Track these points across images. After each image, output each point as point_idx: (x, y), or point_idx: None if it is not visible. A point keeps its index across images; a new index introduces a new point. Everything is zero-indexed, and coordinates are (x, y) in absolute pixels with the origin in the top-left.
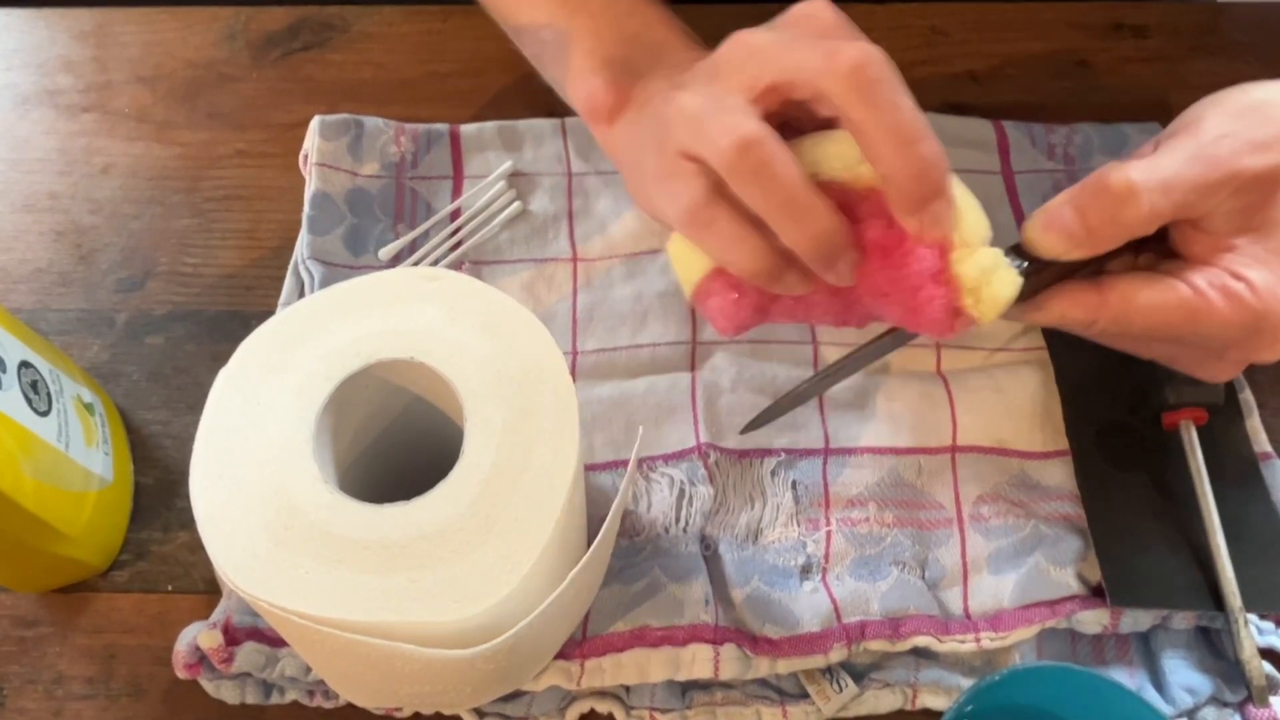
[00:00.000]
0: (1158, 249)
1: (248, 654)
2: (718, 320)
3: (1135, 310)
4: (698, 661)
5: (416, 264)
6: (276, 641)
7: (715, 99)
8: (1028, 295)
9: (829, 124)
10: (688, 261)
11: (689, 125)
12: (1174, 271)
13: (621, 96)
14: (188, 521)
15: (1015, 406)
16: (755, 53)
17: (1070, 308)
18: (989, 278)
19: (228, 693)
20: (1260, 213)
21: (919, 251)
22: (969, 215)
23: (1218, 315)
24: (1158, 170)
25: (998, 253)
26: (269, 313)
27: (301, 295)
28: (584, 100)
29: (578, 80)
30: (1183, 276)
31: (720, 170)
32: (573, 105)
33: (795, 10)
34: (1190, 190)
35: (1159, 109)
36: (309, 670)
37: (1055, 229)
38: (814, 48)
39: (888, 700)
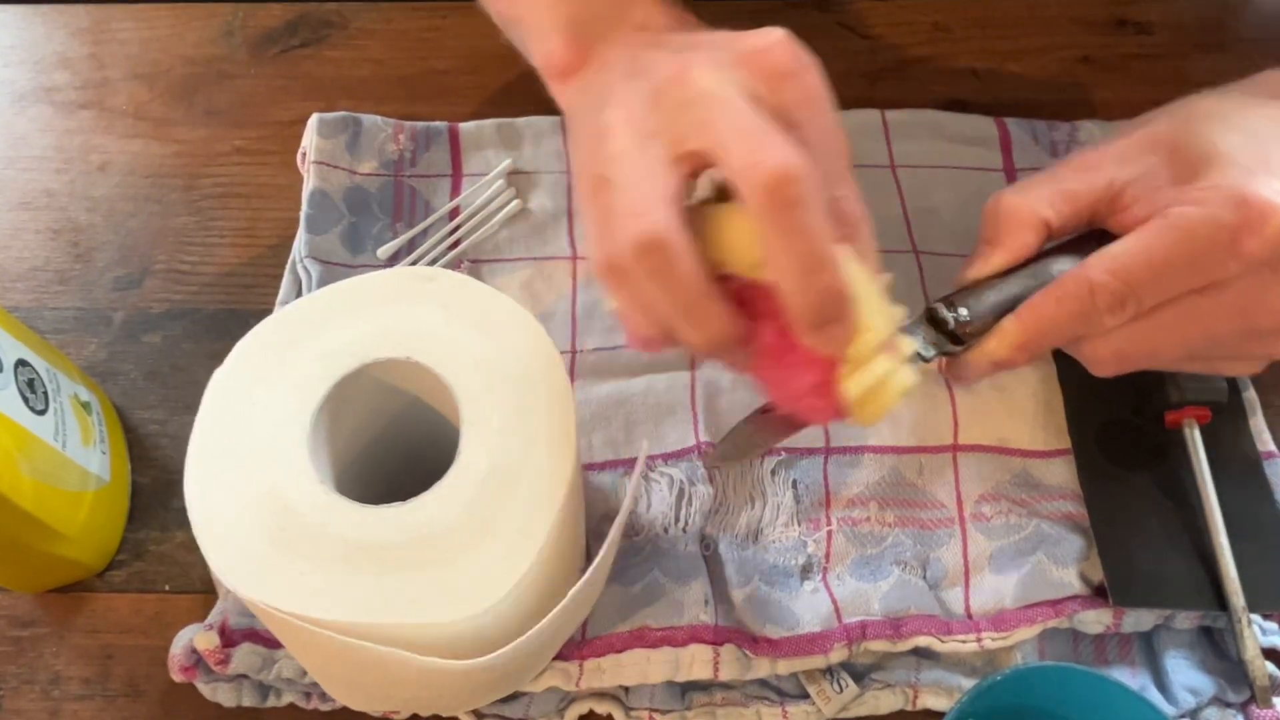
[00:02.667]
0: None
1: (244, 656)
2: (627, 339)
3: (1115, 261)
4: (697, 662)
5: (415, 263)
6: (273, 643)
7: (638, 152)
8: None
9: None
10: None
11: (606, 175)
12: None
13: (580, 55)
14: (185, 521)
15: (1017, 405)
16: (694, 102)
17: (1041, 306)
18: (874, 393)
19: (224, 695)
20: (1165, 171)
21: (807, 366)
22: (868, 325)
23: (1200, 224)
24: (1033, 183)
25: (891, 362)
26: (267, 311)
27: (299, 294)
28: (542, 58)
29: (538, 39)
30: (1148, 220)
31: (619, 258)
32: (536, 66)
33: (752, 40)
34: (1069, 180)
35: (1162, 106)
36: (305, 672)
37: (966, 264)
38: (745, 133)
39: (888, 701)
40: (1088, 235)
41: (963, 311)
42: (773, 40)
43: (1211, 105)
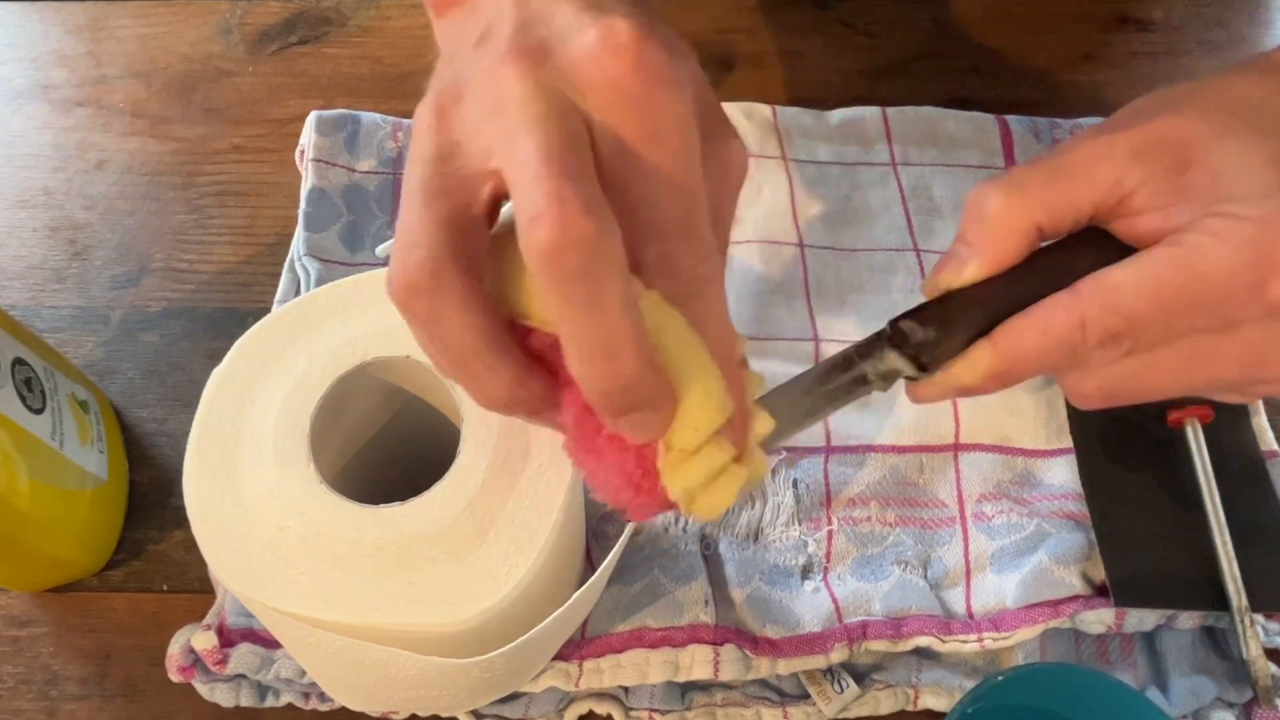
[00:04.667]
0: None
1: (242, 655)
2: None
3: (1114, 294)
4: (697, 662)
5: None
6: (271, 643)
7: (432, 160)
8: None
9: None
10: None
11: (406, 180)
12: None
13: None
14: (183, 520)
15: (1018, 404)
16: (500, 110)
17: (1021, 334)
18: (705, 487)
19: (222, 695)
20: (1181, 177)
21: (618, 450)
22: (700, 406)
23: (1221, 262)
24: (1027, 176)
25: (730, 450)
26: (265, 310)
27: (297, 293)
28: None
29: None
30: (1155, 244)
31: (389, 294)
32: None
33: (584, 40)
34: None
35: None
36: (304, 672)
37: (941, 264)
38: (536, 174)
39: (889, 701)
40: (1084, 235)
41: (930, 332)
42: (609, 46)
43: (1241, 92)
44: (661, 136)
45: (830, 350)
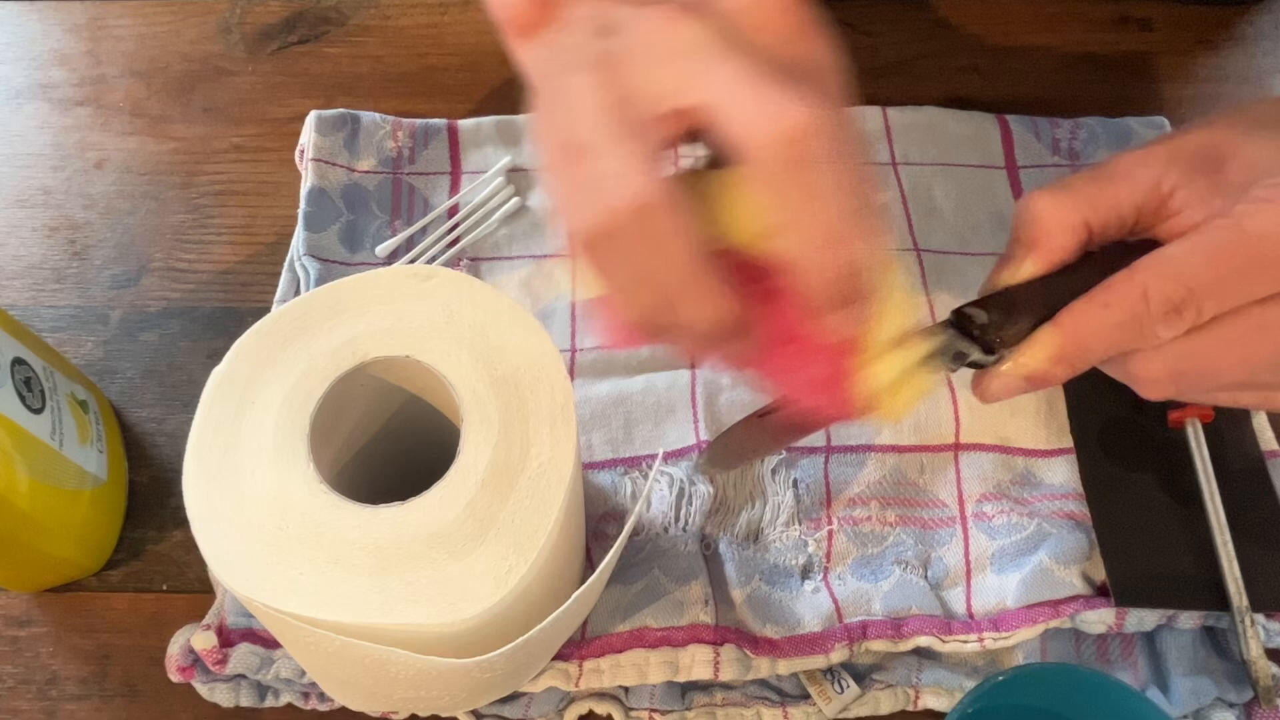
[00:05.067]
0: None
1: (242, 655)
2: (602, 335)
3: (1171, 264)
4: (697, 663)
5: (414, 261)
6: (271, 643)
7: (614, 113)
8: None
9: None
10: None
11: (578, 141)
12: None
13: (542, 9)
14: (183, 520)
15: (1019, 403)
16: (682, 54)
17: (1084, 312)
18: (899, 386)
19: (222, 695)
20: (1217, 175)
21: (819, 354)
22: (891, 310)
23: (1263, 219)
24: (1071, 181)
25: (912, 352)
26: (264, 309)
27: (297, 292)
28: (502, 11)
29: None
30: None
31: (601, 231)
32: (492, 15)
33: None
34: (1095, 180)
35: (1165, 103)
36: (304, 672)
37: (997, 266)
38: (752, 84)
39: (889, 701)
40: (1130, 244)
41: (994, 315)
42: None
43: (1268, 110)
44: (825, 62)
45: None
